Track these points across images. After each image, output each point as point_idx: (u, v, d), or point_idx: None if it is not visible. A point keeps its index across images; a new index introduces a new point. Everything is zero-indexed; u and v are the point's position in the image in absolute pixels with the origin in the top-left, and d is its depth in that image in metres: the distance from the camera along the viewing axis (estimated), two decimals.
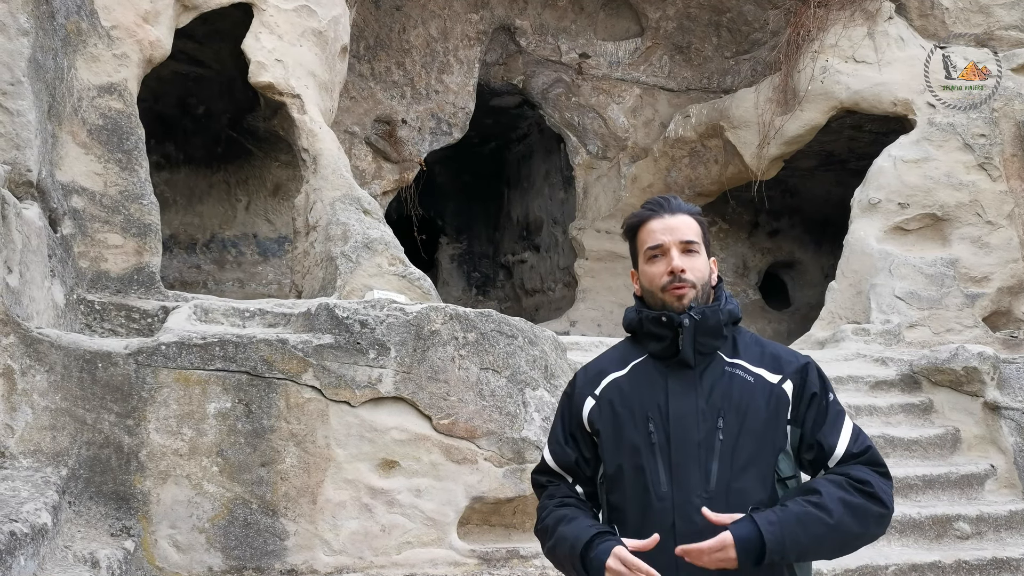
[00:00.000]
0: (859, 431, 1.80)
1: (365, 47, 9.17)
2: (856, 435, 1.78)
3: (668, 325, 1.78)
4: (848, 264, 7.19)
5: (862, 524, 1.67)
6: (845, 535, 1.66)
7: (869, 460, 1.74)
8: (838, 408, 1.80)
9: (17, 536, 2.33)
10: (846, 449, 1.75)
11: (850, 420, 1.81)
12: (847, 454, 1.75)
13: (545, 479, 1.92)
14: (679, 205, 1.86)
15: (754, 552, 1.59)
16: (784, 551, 1.60)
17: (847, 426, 1.78)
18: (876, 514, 1.69)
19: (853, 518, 1.66)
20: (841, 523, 1.65)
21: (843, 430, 1.77)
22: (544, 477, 1.93)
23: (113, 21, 4.74)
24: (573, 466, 1.85)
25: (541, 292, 11.89)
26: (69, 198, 4.41)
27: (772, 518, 1.62)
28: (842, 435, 1.76)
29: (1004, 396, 5.21)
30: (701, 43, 10.14)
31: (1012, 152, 7.16)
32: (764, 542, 1.59)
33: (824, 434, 1.76)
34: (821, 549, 1.67)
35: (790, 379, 1.78)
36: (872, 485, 1.70)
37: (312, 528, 3.45)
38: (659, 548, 1.68)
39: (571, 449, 1.86)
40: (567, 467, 1.87)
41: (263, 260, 8.40)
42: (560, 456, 1.88)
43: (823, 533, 1.64)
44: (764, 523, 1.60)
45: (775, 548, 1.59)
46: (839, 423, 1.78)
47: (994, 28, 7.71)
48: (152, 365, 3.36)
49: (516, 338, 3.87)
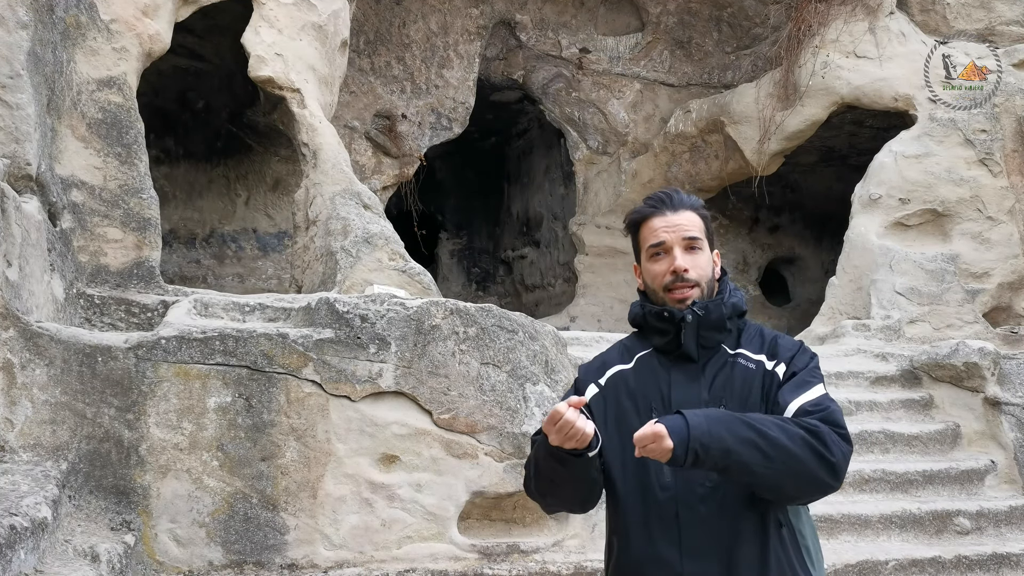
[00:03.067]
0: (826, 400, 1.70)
1: (365, 41, 9.15)
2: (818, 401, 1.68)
3: (670, 320, 1.79)
4: (848, 260, 7.19)
5: (796, 446, 1.58)
6: (777, 450, 1.57)
7: (825, 418, 1.65)
8: (807, 378, 1.74)
9: (17, 530, 2.33)
10: (799, 406, 1.68)
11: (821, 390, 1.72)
12: (800, 410, 1.68)
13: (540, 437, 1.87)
14: (681, 200, 1.84)
15: (683, 441, 1.54)
16: (708, 443, 1.54)
17: (812, 392, 1.71)
18: (816, 451, 1.59)
19: (788, 440, 1.58)
20: (770, 436, 1.58)
21: (805, 393, 1.70)
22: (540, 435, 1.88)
23: (112, 14, 4.73)
24: None
25: (541, 288, 11.88)
26: (68, 192, 4.40)
27: (697, 411, 1.61)
28: (802, 395, 1.70)
29: (1004, 392, 5.21)
30: (702, 38, 10.12)
31: (1013, 147, 7.15)
32: (689, 429, 1.55)
33: (782, 393, 1.72)
34: (749, 457, 1.57)
35: (783, 362, 1.78)
36: (819, 428, 1.61)
37: (312, 523, 3.45)
38: (662, 536, 1.68)
39: None
40: None
41: (263, 255, 8.40)
42: None
43: (751, 438, 1.57)
44: (690, 414, 1.58)
45: (698, 435, 1.54)
46: (803, 388, 1.71)
47: (995, 23, 7.70)
48: (152, 359, 3.35)
49: (517, 333, 3.87)
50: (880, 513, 4.47)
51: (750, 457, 1.57)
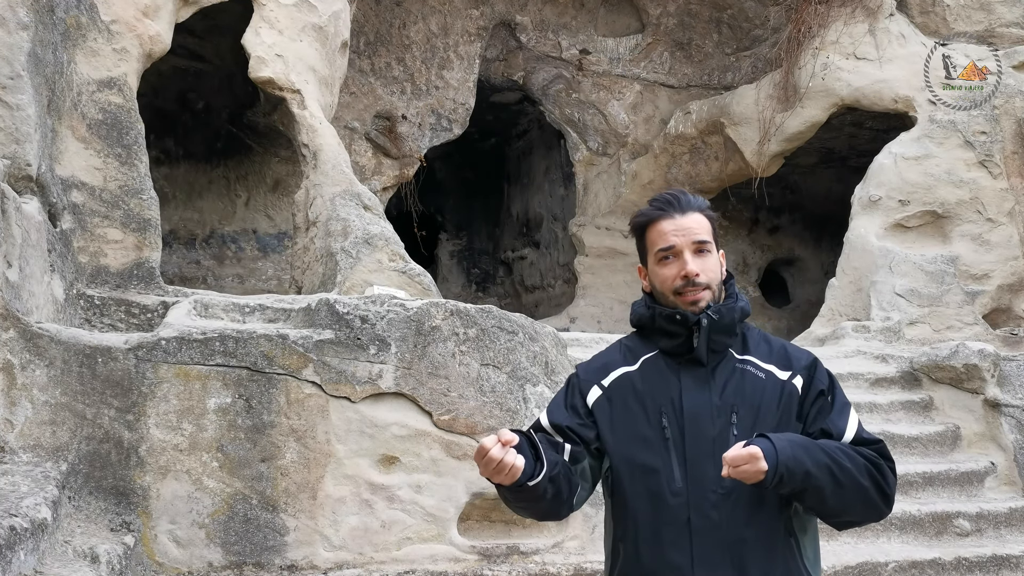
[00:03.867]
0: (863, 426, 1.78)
1: (365, 42, 9.15)
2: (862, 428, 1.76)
3: (683, 323, 1.77)
4: (848, 261, 7.18)
5: (863, 476, 1.65)
6: (847, 477, 1.63)
7: (880, 451, 1.72)
8: (844, 400, 1.79)
9: (17, 531, 2.33)
10: (856, 433, 1.73)
11: (856, 414, 1.79)
12: (857, 438, 1.73)
13: None
14: (688, 202, 1.81)
15: (773, 464, 1.56)
16: (792, 468, 1.58)
17: (853, 416, 1.77)
18: (878, 483, 1.66)
19: (855, 466, 1.64)
20: (843, 462, 1.63)
21: (850, 418, 1.76)
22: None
23: (113, 15, 4.73)
24: (564, 429, 1.80)
25: (541, 288, 11.88)
26: (69, 193, 4.40)
27: (781, 437, 1.62)
28: (850, 422, 1.75)
29: (1004, 393, 5.21)
30: (702, 40, 10.13)
31: (1013, 149, 7.16)
32: (777, 452, 1.57)
33: (831, 421, 1.75)
34: (823, 483, 1.61)
35: (799, 375, 1.78)
36: (879, 462, 1.69)
37: (312, 524, 3.44)
38: (674, 543, 1.67)
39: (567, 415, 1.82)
40: (558, 427, 1.82)
41: (263, 256, 8.40)
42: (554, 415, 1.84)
43: (824, 461, 1.61)
44: (775, 437, 1.60)
45: (784, 459, 1.57)
46: (846, 412, 1.77)
47: (995, 25, 7.70)
48: (152, 360, 3.35)
49: (517, 334, 3.87)
50: None
51: (825, 482, 1.62)
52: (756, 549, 1.67)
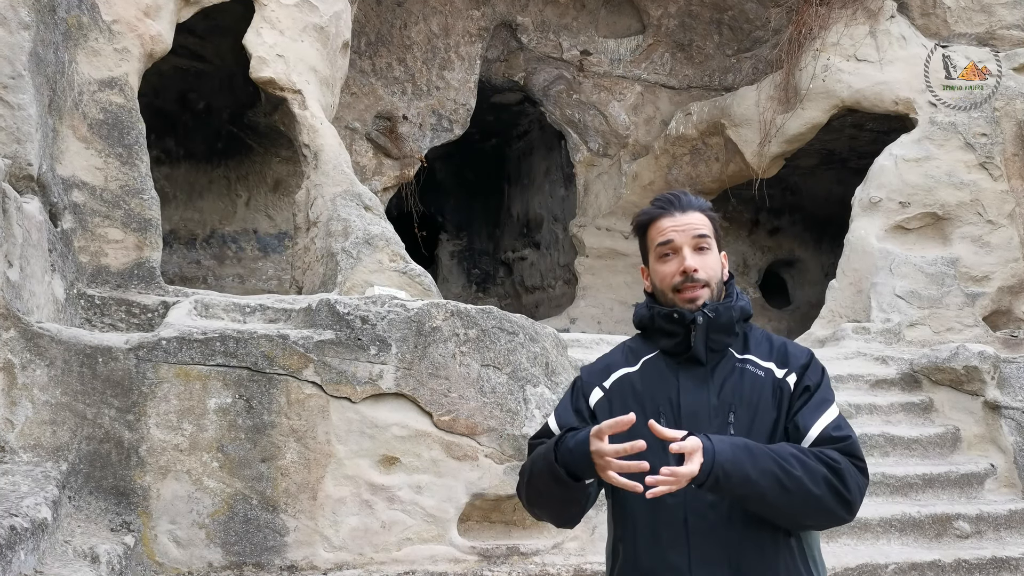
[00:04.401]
0: (842, 421, 1.73)
1: (366, 43, 9.15)
2: (838, 424, 1.71)
3: (680, 322, 1.77)
4: (849, 263, 7.19)
5: (816, 486, 1.60)
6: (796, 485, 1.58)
7: (845, 449, 1.67)
8: (824, 396, 1.75)
9: (17, 531, 2.33)
10: (822, 431, 1.69)
11: (835, 410, 1.74)
12: (822, 436, 1.69)
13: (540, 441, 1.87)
14: (689, 201, 1.82)
15: (708, 464, 1.54)
16: (730, 471, 1.55)
17: (829, 413, 1.72)
18: (834, 488, 1.61)
19: (807, 476, 1.59)
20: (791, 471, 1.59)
21: (823, 415, 1.71)
22: (538, 440, 1.87)
23: (114, 15, 4.73)
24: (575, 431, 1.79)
25: (541, 289, 11.88)
26: (69, 192, 4.40)
27: (724, 439, 1.60)
28: (821, 419, 1.71)
29: (1004, 395, 5.21)
30: (703, 41, 10.13)
31: (1013, 151, 7.16)
32: (715, 453, 1.55)
33: (802, 415, 1.72)
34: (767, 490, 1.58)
35: (794, 372, 1.77)
36: (839, 464, 1.63)
37: (312, 524, 3.44)
38: (671, 544, 1.67)
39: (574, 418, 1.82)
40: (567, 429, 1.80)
41: (263, 256, 8.40)
42: (562, 418, 1.84)
43: (770, 468, 1.58)
44: (715, 439, 1.58)
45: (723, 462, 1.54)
46: (821, 409, 1.72)
47: (996, 27, 7.70)
48: (152, 360, 3.35)
49: (517, 335, 3.87)
50: (880, 516, 4.47)
51: (768, 489, 1.59)
52: (754, 550, 1.67)
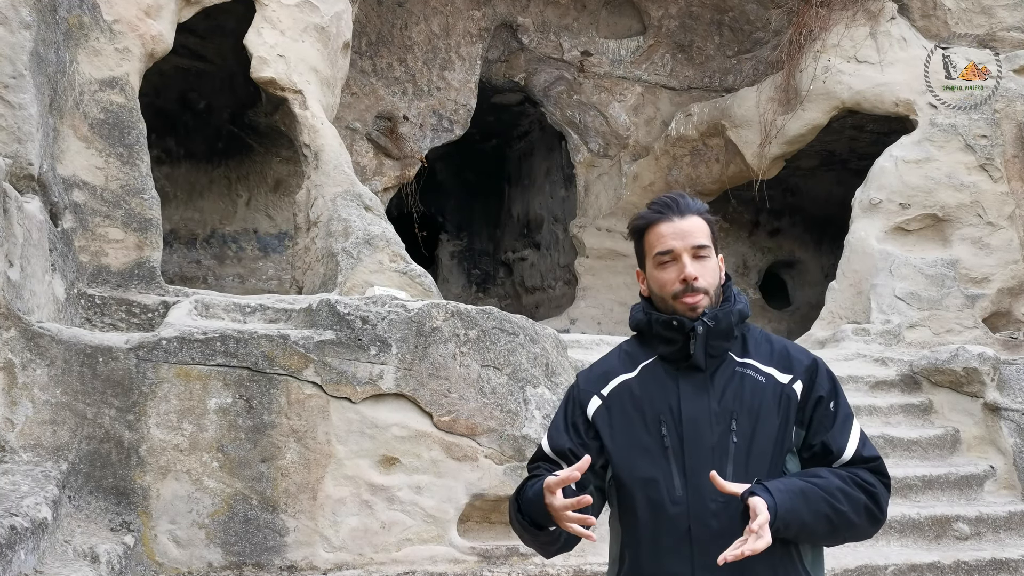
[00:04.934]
0: (865, 437, 1.77)
1: (367, 43, 9.16)
2: (864, 441, 1.75)
3: (679, 329, 1.75)
4: (849, 264, 7.19)
5: (858, 516, 1.67)
6: (842, 520, 1.65)
7: (876, 469, 1.73)
8: (847, 411, 1.77)
9: (17, 530, 2.33)
10: (855, 452, 1.73)
11: (858, 424, 1.78)
12: (856, 457, 1.73)
13: (533, 466, 1.86)
14: (687, 205, 1.80)
15: (772, 520, 1.55)
16: (789, 521, 1.58)
17: (855, 430, 1.75)
18: (871, 513, 1.68)
19: (852, 509, 1.66)
20: (840, 507, 1.64)
21: (852, 433, 1.74)
22: (534, 464, 1.87)
23: (115, 15, 4.73)
24: (566, 452, 1.78)
25: (541, 290, 11.88)
26: (70, 192, 4.41)
27: (780, 486, 1.60)
28: (851, 438, 1.74)
29: (1004, 397, 5.21)
30: (703, 42, 10.13)
31: (1013, 153, 7.16)
32: (776, 506, 1.56)
33: (833, 436, 1.73)
34: (818, 529, 1.65)
35: (800, 379, 1.76)
36: (876, 488, 1.70)
37: (312, 524, 3.45)
38: (674, 552, 1.67)
39: (568, 437, 1.81)
40: (560, 453, 1.80)
41: (263, 256, 8.40)
42: (555, 441, 1.82)
43: (823, 511, 1.62)
44: (774, 489, 1.59)
45: (784, 515, 1.56)
46: (848, 426, 1.75)
47: (996, 29, 7.70)
48: (153, 360, 3.35)
49: (517, 336, 3.87)
50: None
51: (820, 529, 1.66)
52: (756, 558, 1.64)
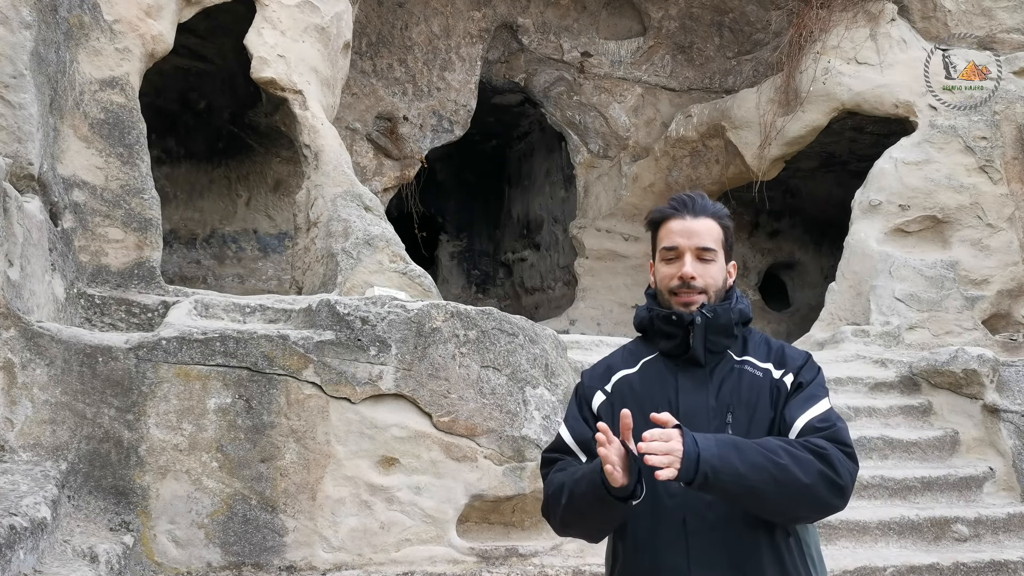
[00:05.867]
0: (832, 415, 1.72)
1: (367, 43, 9.16)
2: (825, 416, 1.71)
3: (678, 323, 1.78)
4: (848, 265, 7.19)
5: (807, 474, 1.58)
6: (786, 477, 1.57)
7: (831, 436, 1.66)
8: (814, 392, 1.75)
9: (16, 530, 2.33)
10: (807, 423, 1.69)
11: (826, 404, 1.74)
12: (807, 426, 1.69)
13: (556, 455, 1.85)
14: (704, 206, 1.82)
15: (693, 462, 1.53)
16: (719, 468, 1.54)
17: (817, 406, 1.72)
18: (824, 475, 1.60)
19: (796, 465, 1.58)
20: (780, 463, 1.58)
21: (811, 408, 1.71)
22: (555, 454, 1.86)
23: (116, 15, 4.74)
24: (589, 442, 1.76)
25: (541, 290, 11.88)
26: (70, 192, 4.41)
27: (707, 435, 1.59)
28: (808, 411, 1.71)
29: (1003, 399, 5.21)
30: (703, 43, 10.13)
31: (1013, 155, 7.16)
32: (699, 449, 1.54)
33: (789, 408, 1.73)
34: (760, 486, 1.57)
35: (791, 372, 1.79)
36: (827, 450, 1.62)
37: (311, 525, 3.45)
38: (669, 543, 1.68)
39: (589, 427, 1.81)
40: (583, 443, 1.81)
41: (263, 256, 8.40)
42: (577, 431, 1.83)
43: (761, 464, 1.57)
44: (698, 436, 1.57)
45: (710, 459, 1.53)
46: (809, 403, 1.73)
47: (996, 31, 7.71)
48: (152, 360, 3.35)
49: (517, 336, 3.87)
50: (878, 519, 4.47)
51: (760, 483, 1.57)
52: (753, 549, 1.68)
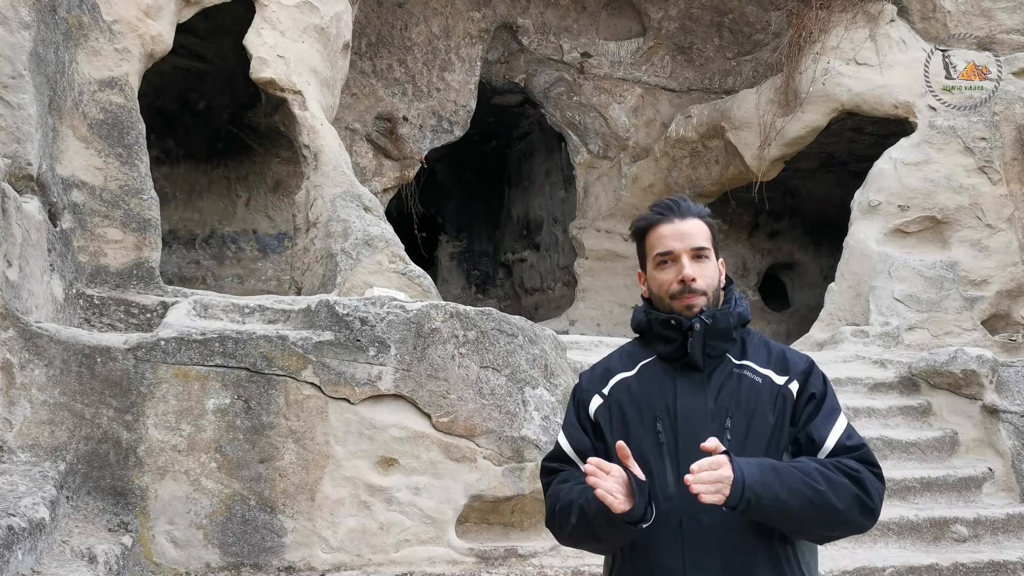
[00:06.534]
0: (852, 430, 1.76)
1: (367, 44, 9.16)
2: (849, 432, 1.74)
3: (677, 328, 1.77)
4: (848, 266, 7.19)
5: (842, 500, 1.62)
6: (824, 502, 1.60)
7: (862, 458, 1.70)
8: (833, 406, 1.77)
9: (15, 531, 2.33)
10: (837, 441, 1.71)
11: (845, 419, 1.77)
12: (838, 446, 1.71)
13: (557, 465, 1.86)
14: (689, 208, 1.82)
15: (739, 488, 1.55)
16: (761, 494, 1.56)
17: (840, 422, 1.75)
18: (859, 500, 1.63)
19: (832, 490, 1.62)
20: (818, 489, 1.60)
21: (835, 425, 1.74)
22: (556, 464, 1.86)
23: (115, 15, 4.73)
24: (588, 451, 1.79)
25: (541, 291, 11.89)
26: (69, 192, 4.40)
27: (750, 461, 1.60)
28: (834, 429, 1.73)
29: (1002, 399, 5.21)
30: (703, 43, 10.14)
31: (1012, 156, 7.16)
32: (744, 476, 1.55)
33: (815, 426, 1.73)
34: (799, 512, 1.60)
35: (796, 380, 1.78)
36: (861, 474, 1.66)
37: (310, 525, 3.44)
38: (666, 543, 1.68)
39: (588, 437, 1.82)
40: (582, 452, 1.81)
41: (263, 256, 8.40)
42: (576, 439, 1.83)
43: (800, 489, 1.59)
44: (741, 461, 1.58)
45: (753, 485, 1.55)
46: (832, 419, 1.75)
47: (996, 31, 7.71)
48: (151, 360, 3.35)
49: (516, 337, 3.87)
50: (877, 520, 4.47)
51: (798, 508, 1.60)
52: (749, 553, 1.68)
